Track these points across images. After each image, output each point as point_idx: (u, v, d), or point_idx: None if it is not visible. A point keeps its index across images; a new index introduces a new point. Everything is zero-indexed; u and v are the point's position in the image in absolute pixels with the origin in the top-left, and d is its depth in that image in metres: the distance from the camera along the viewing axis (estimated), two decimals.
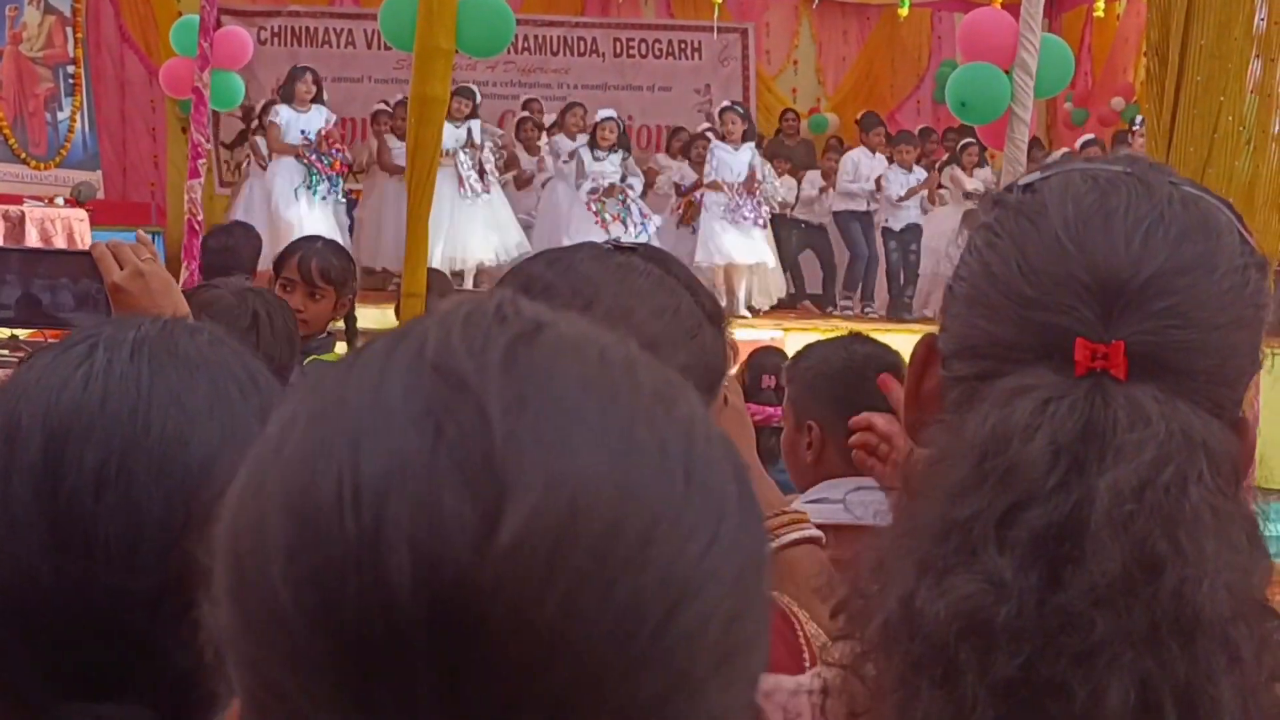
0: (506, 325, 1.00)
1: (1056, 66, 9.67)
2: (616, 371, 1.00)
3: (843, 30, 22.03)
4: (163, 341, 1.69)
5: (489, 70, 18.72)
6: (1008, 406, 1.40)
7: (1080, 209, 1.49)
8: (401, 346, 0.99)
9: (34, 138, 17.37)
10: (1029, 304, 1.46)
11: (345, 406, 0.98)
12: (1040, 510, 1.36)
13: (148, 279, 2.64)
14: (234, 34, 13.35)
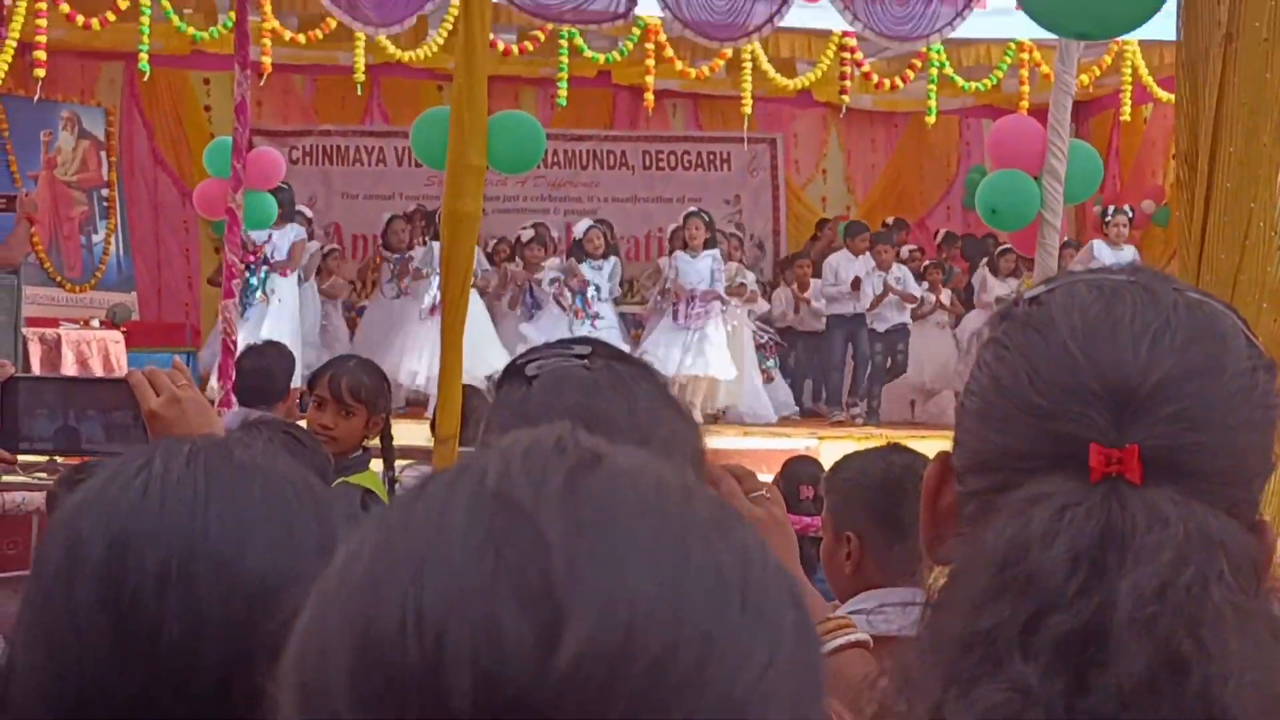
0: (566, 456, 1.02)
1: (1085, 171, 9.68)
2: (673, 500, 1.02)
3: (871, 138, 22.09)
4: (217, 451, 1.72)
5: (519, 185, 18.81)
6: (1024, 516, 1.41)
7: (1087, 318, 1.51)
8: (463, 479, 1.01)
9: (69, 261, 17.49)
10: (1041, 414, 1.48)
11: (408, 535, 1.00)
12: (1063, 616, 1.36)
13: (184, 405, 2.64)
14: (266, 154, 13.43)
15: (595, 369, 2.25)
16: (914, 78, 17.37)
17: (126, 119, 19.08)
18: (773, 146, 20.86)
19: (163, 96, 19.21)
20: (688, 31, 13.53)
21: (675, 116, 21.28)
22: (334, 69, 17.87)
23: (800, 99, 19.76)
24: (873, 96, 19.82)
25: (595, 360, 2.27)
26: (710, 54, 16.46)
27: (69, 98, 17.87)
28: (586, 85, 18.75)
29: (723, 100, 19.79)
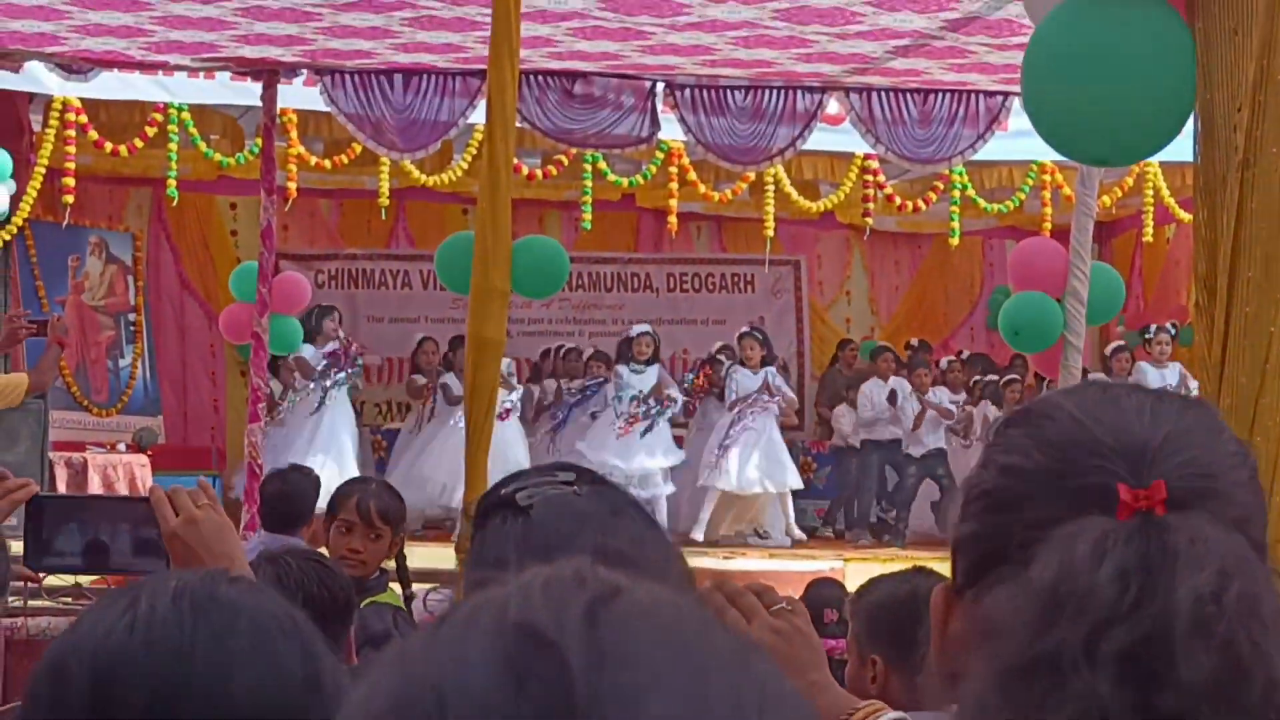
0: (586, 588, 1.03)
1: (1107, 293, 9.71)
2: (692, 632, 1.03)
3: (894, 259, 22.13)
4: (203, 588, 1.73)
5: (544, 308, 18.87)
6: (1067, 548, 1.42)
7: (1088, 399, 1.59)
8: (483, 611, 1.02)
9: (96, 385, 17.55)
10: (1060, 475, 1.52)
11: (430, 665, 1.01)
12: (1123, 628, 1.38)
13: (200, 526, 2.65)
14: (292, 279, 13.52)
15: (585, 495, 2.26)
16: (937, 199, 17.42)
17: (154, 244, 19.20)
18: (796, 268, 20.90)
19: (190, 221, 19.32)
20: (711, 155, 13.59)
21: (699, 239, 21.35)
22: (359, 193, 18.00)
23: (823, 221, 19.83)
24: (896, 218, 19.87)
25: (581, 486, 2.28)
26: (733, 177, 16.54)
27: (97, 223, 18.00)
28: (611, 208, 18.82)
29: (746, 222, 19.86)
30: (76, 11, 10.39)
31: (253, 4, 10.08)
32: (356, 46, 11.52)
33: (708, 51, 11.47)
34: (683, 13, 10.17)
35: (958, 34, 10.67)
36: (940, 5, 9.89)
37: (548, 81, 12.72)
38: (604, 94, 12.97)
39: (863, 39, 10.87)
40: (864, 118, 13.12)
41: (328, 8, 10.17)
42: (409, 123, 12.81)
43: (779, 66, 12.10)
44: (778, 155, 13.55)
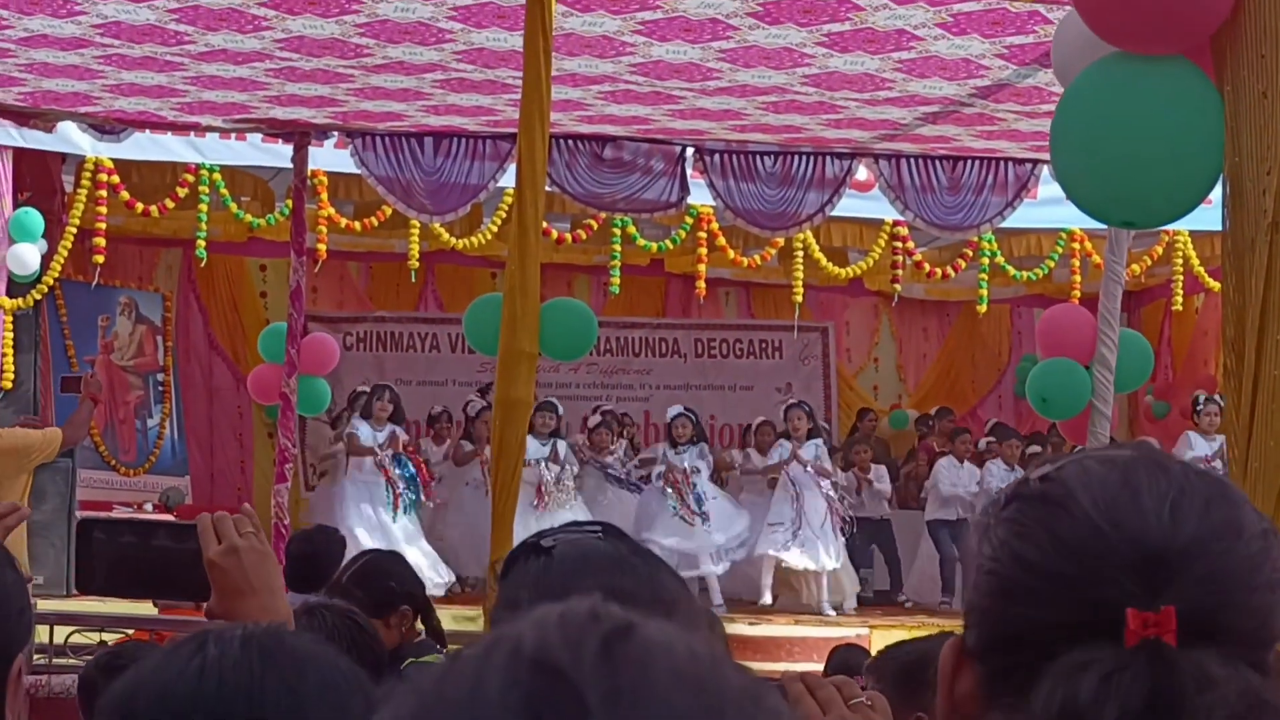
0: (600, 623, 1.03)
1: (1136, 361, 9.68)
2: (705, 668, 1.03)
3: (922, 327, 22.13)
4: (270, 636, 1.73)
5: (572, 372, 18.89)
6: (1071, 682, 1.41)
7: (1106, 489, 1.54)
8: (498, 647, 1.02)
9: (124, 445, 17.59)
10: (1070, 583, 1.49)
11: (445, 701, 1.01)
12: None
13: (241, 555, 2.63)
14: (320, 340, 13.54)
15: (611, 541, 2.27)
16: (965, 267, 17.43)
17: (183, 304, 19.27)
18: (824, 335, 20.90)
19: (219, 282, 19.39)
20: (739, 221, 13.62)
21: (727, 304, 21.38)
22: (389, 256, 18.04)
23: (852, 287, 19.85)
24: (924, 285, 19.90)
25: (609, 536, 2.29)
26: (762, 243, 16.56)
27: (127, 283, 18.07)
28: (639, 273, 18.87)
29: (775, 288, 19.89)
30: (110, 71, 10.46)
31: (285, 65, 10.14)
32: (388, 108, 11.57)
33: (737, 116, 11.51)
34: (713, 77, 10.21)
35: (987, 101, 10.69)
36: (969, 73, 9.92)
37: (578, 145, 12.77)
38: (634, 158, 13.02)
39: (892, 105, 10.90)
40: (893, 184, 13.14)
41: (359, 69, 10.22)
42: (439, 186, 12.85)
43: (808, 132, 12.13)
44: (806, 221, 13.57)
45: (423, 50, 9.72)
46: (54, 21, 9.27)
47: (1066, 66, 5.18)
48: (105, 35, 9.51)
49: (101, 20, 9.21)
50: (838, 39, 9.25)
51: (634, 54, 9.70)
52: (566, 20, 8.78)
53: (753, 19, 8.90)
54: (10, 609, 2.44)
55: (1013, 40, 9.16)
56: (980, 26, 8.94)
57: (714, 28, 9.09)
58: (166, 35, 9.47)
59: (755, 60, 9.77)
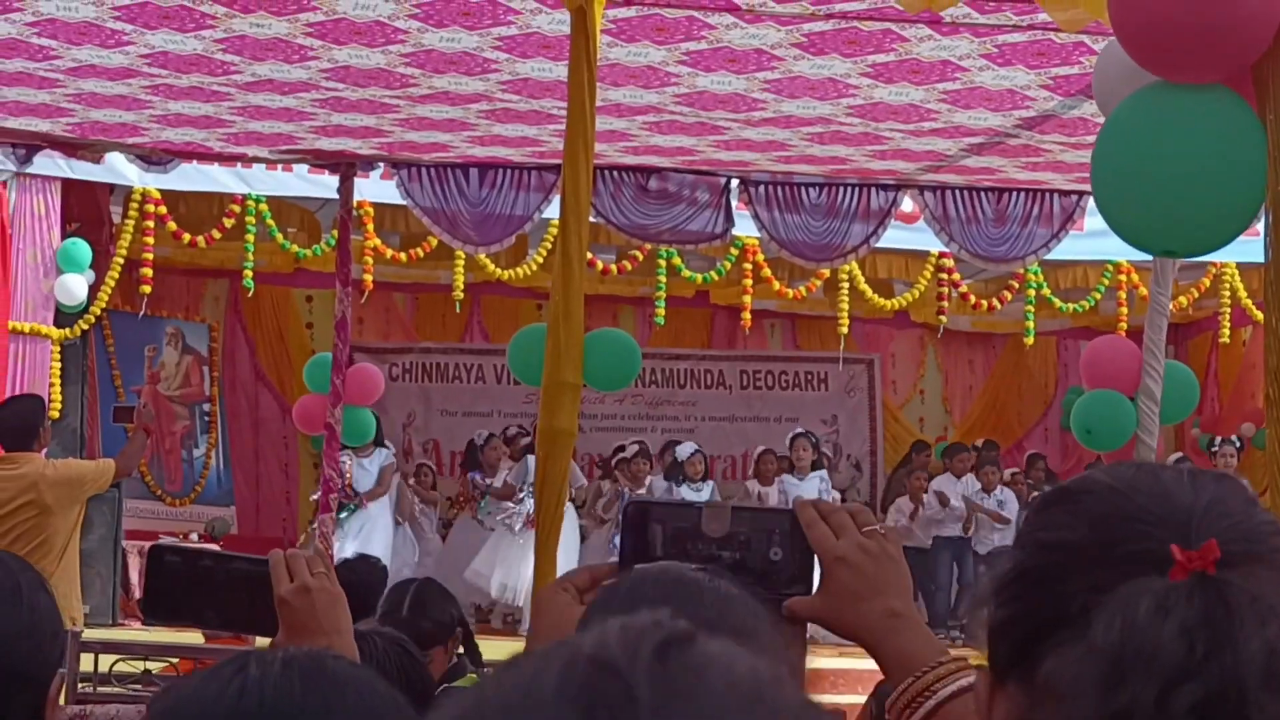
0: (660, 629, 1.03)
1: (1181, 393, 9.63)
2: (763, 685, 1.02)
3: (969, 359, 22.08)
4: (311, 659, 1.74)
5: (617, 404, 18.90)
6: (1128, 608, 1.42)
7: (1124, 474, 1.60)
8: (559, 649, 1.03)
9: (170, 475, 17.65)
10: (1106, 545, 1.52)
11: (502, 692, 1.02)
12: (1194, 685, 1.37)
13: (313, 595, 2.64)
14: (366, 370, 13.57)
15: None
16: (1011, 299, 17.40)
17: (229, 335, 19.34)
18: (870, 367, 20.86)
19: (265, 313, 19.45)
20: (785, 252, 13.61)
21: (773, 336, 21.36)
22: (434, 287, 18.07)
23: (898, 319, 19.82)
24: (970, 317, 19.86)
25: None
26: (808, 274, 16.56)
27: (174, 314, 18.15)
28: (684, 305, 18.89)
29: (820, 320, 19.88)
30: (158, 101, 10.51)
31: (331, 95, 10.18)
32: (433, 139, 11.60)
33: (783, 147, 11.50)
34: (758, 108, 10.21)
35: (1032, 132, 10.67)
36: (1015, 103, 9.90)
37: (623, 177, 12.79)
38: (679, 190, 13.03)
39: (937, 136, 10.89)
40: (938, 216, 13.12)
41: (405, 99, 10.25)
42: (484, 217, 12.88)
43: (853, 163, 12.13)
44: (852, 253, 13.56)
45: (468, 80, 9.75)
46: (102, 52, 9.32)
47: (1108, 95, 5.18)
48: (153, 65, 9.56)
49: (149, 50, 9.26)
50: (882, 70, 9.24)
51: (679, 84, 9.71)
52: (611, 50, 8.79)
53: (798, 50, 8.90)
54: (44, 632, 2.46)
55: (1058, 71, 9.14)
56: (1025, 58, 8.93)
57: (759, 58, 9.10)
58: (214, 65, 9.51)
59: (800, 91, 9.77)
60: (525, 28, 8.68)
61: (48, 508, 9.58)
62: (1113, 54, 5.08)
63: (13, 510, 9.54)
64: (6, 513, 9.54)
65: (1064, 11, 6.85)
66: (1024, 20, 8.26)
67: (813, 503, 2.24)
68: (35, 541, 9.46)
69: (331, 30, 8.79)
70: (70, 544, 9.80)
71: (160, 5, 8.45)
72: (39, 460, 9.81)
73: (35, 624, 2.45)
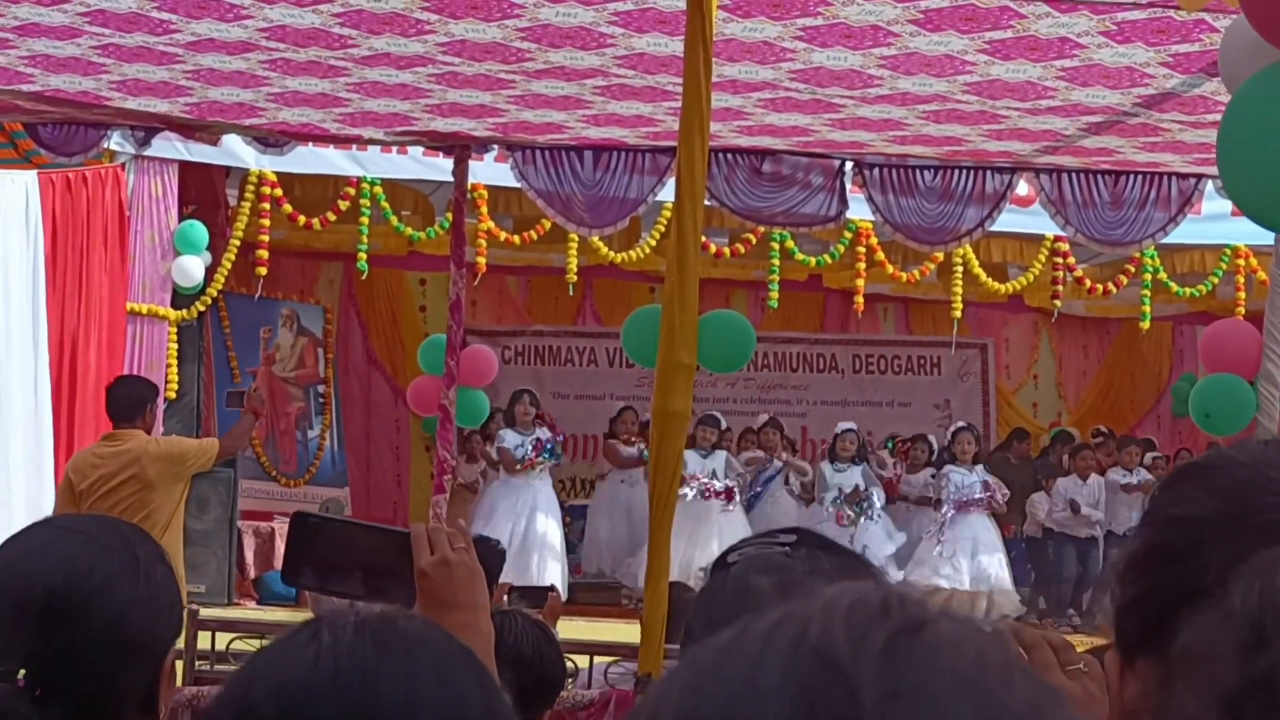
0: (890, 618, 1.01)
1: None
2: (993, 675, 1.00)
3: (1082, 345, 21.95)
4: (383, 623, 1.75)
5: (729, 387, 18.91)
6: (1268, 573, 1.39)
7: (1252, 449, 1.60)
8: (783, 629, 1.01)
9: (285, 455, 17.79)
10: (1238, 516, 1.52)
11: (721, 681, 1.00)
12: None
13: (452, 569, 2.65)
14: (480, 352, 13.61)
15: (796, 556, 2.24)
16: (1127, 283, 17.26)
17: (344, 317, 19.47)
18: (983, 351, 20.77)
19: (379, 295, 19.58)
20: (898, 236, 13.55)
21: (886, 320, 21.30)
22: (547, 270, 18.12)
23: (1012, 304, 19.71)
24: (1085, 302, 19.72)
25: (798, 548, 2.26)
26: (921, 258, 16.50)
27: (289, 296, 18.28)
28: (797, 288, 18.86)
29: (933, 304, 19.81)
30: (275, 78, 10.57)
31: (447, 70, 10.20)
32: (548, 118, 11.61)
33: (898, 126, 11.45)
34: (873, 84, 10.16)
35: (1151, 111, 10.56)
36: (1133, 81, 9.81)
37: (737, 159, 12.76)
38: (792, 173, 12.99)
39: (1054, 115, 10.80)
40: (1054, 199, 13.02)
41: (520, 74, 10.26)
42: (598, 199, 12.90)
43: (969, 145, 12.05)
44: (966, 236, 13.48)
45: (584, 55, 9.75)
46: (221, 25, 9.38)
47: (1234, 72, 5.11)
48: (271, 39, 9.62)
49: (267, 24, 9.31)
50: (999, 46, 9.18)
51: (794, 60, 9.68)
52: (727, 26, 8.77)
53: (914, 26, 8.85)
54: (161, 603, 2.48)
55: (1178, 48, 9.05)
56: (1145, 35, 8.84)
57: (875, 34, 9.06)
58: (331, 39, 9.56)
59: (916, 67, 9.72)
60: (641, 3, 8.68)
61: (150, 483, 9.71)
62: (1240, 30, 5.02)
63: (116, 485, 9.69)
64: (110, 488, 9.69)
65: None
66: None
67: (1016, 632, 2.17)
68: (139, 516, 9.57)
69: (449, 4, 8.82)
70: (174, 521, 9.93)
71: None
72: (142, 437, 9.94)
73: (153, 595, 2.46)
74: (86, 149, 12.52)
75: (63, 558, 2.42)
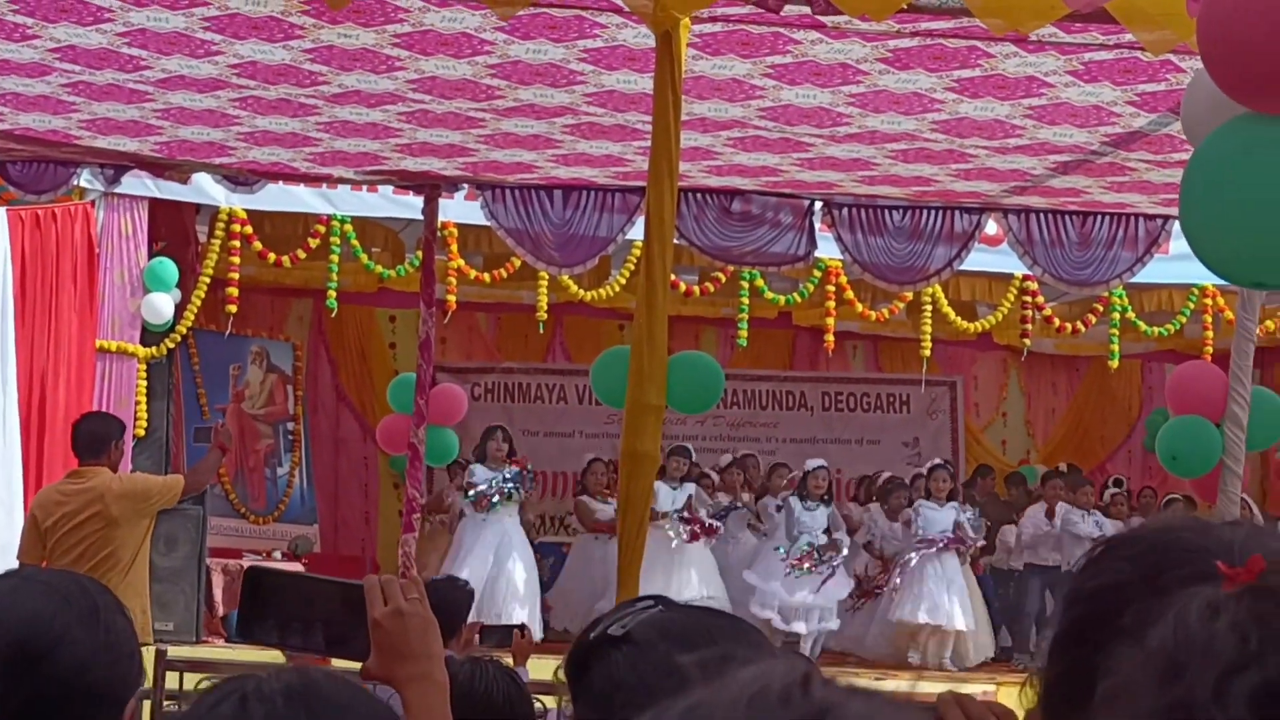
0: (790, 709, 1.00)
1: (1267, 419, 9.54)
2: None
3: (1051, 382, 22.00)
4: (309, 689, 1.74)
5: (699, 425, 18.87)
6: (1180, 613, 1.43)
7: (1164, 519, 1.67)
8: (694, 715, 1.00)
9: (254, 493, 17.74)
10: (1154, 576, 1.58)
11: None
12: (1252, 673, 1.36)
13: (406, 619, 2.66)
14: (449, 391, 13.61)
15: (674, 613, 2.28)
16: (1096, 322, 17.32)
17: (313, 354, 19.44)
18: (952, 389, 20.80)
19: (349, 333, 19.55)
20: (867, 275, 13.59)
21: (855, 358, 21.33)
22: (517, 307, 18.12)
23: (981, 342, 19.76)
24: (1054, 340, 19.77)
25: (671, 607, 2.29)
26: (890, 296, 16.52)
27: (258, 333, 18.25)
28: (767, 326, 18.87)
29: (903, 342, 19.83)
30: (245, 116, 10.57)
31: (417, 107, 10.21)
32: (518, 158, 11.63)
33: (867, 166, 11.48)
34: (842, 123, 10.20)
35: (1118, 150, 10.62)
36: (1100, 120, 9.86)
37: (706, 199, 12.80)
38: (762, 212, 13.04)
39: (1022, 154, 10.84)
40: (1022, 239, 13.08)
41: (490, 112, 10.27)
42: (568, 238, 12.92)
43: (938, 185, 12.09)
44: (935, 275, 13.53)
45: (553, 92, 9.77)
46: (191, 62, 9.37)
47: (1196, 126, 5.14)
48: (241, 75, 9.61)
49: (238, 60, 9.31)
50: (968, 84, 9.22)
51: (763, 97, 9.71)
52: (696, 63, 8.79)
53: (882, 64, 8.89)
54: (121, 652, 2.49)
55: (1145, 88, 9.10)
56: (1112, 74, 8.90)
57: (844, 72, 9.09)
58: (301, 75, 9.56)
59: (885, 105, 9.76)
60: (611, 41, 8.71)
61: (114, 520, 9.72)
62: (1201, 84, 5.05)
63: (80, 522, 9.71)
64: (74, 525, 9.70)
65: (1151, 33, 6.83)
66: (1110, 39, 8.23)
67: (959, 701, 2.16)
68: (102, 554, 9.60)
69: (419, 41, 8.83)
70: (139, 557, 9.93)
71: (250, 16, 8.50)
72: (107, 474, 9.95)
73: (112, 644, 2.48)
74: (56, 186, 12.51)
75: (25, 609, 2.44)
